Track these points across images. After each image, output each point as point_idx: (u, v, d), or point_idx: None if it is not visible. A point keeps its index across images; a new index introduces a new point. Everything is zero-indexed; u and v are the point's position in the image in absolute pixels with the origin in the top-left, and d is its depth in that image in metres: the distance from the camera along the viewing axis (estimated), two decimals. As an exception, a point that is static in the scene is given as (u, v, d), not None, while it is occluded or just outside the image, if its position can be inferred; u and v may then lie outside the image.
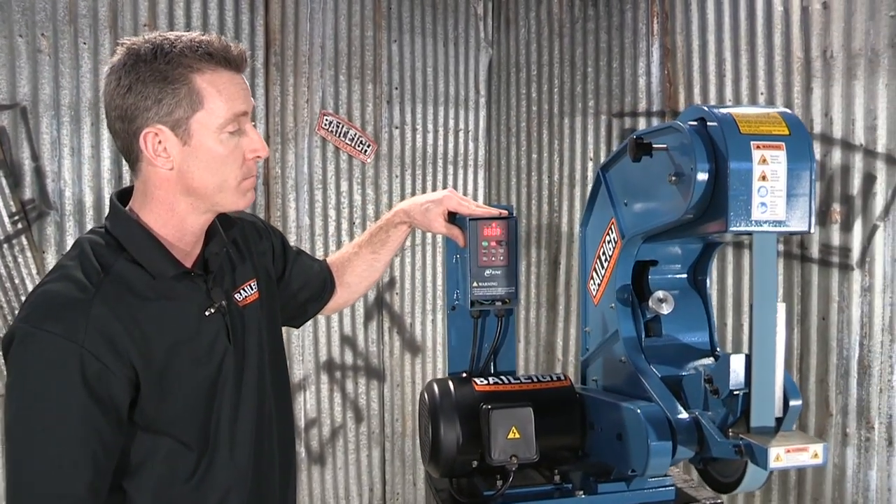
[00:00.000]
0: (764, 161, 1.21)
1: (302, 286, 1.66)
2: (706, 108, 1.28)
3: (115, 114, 1.23)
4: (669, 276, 1.60)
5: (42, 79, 2.78)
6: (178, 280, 1.27)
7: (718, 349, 1.56)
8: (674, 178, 1.30)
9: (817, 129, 2.71)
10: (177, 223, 1.28)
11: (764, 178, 1.21)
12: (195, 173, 1.24)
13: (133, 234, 1.25)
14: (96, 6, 2.85)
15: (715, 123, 1.25)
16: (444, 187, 3.79)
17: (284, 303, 1.61)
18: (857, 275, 2.63)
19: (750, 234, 1.24)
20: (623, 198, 1.53)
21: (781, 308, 1.25)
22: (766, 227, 1.22)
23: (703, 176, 1.24)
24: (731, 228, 1.22)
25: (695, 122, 1.29)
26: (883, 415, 2.57)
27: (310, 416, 3.46)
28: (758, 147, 1.21)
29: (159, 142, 1.22)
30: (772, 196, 1.21)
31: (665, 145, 1.33)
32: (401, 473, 3.71)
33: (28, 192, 2.78)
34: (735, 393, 1.27)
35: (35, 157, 2.78)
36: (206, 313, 1.29)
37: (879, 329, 2.59)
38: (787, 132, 1.24)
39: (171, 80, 1.20)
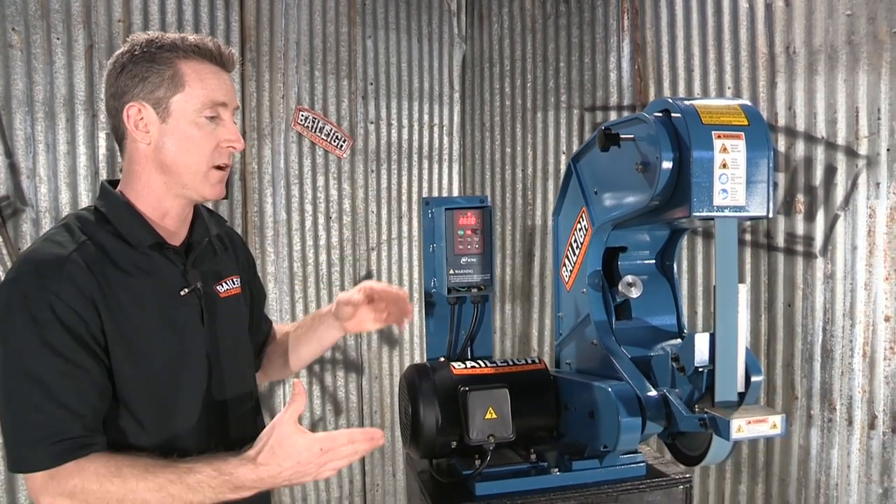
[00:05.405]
0: (724, 150, 1.28)
1: (253, 309, 1.65)
2: (671, 101, 1.34)
3: (110, 92, 1.33)
4: (639, 261, 1.66)
5: (14, 74, 2.76)
6: (156, 255, 1.33)
7: (686, 331, 1.63)
8: (640, 167, 1.36)
9: (781, 122, 2.79)
10: (154, 201, 1.34)
11: (725, 165, 1.28)
12: (169, 151, 1.31)
13: (117, 206, 1.33)
14: (69, 1, 2.84)
15: (679, 115, 1.31)
16: (419, 181, 3.84)
17: None
18: (819, 262, 2.70)
19: (712, 219, 1.30)
20: (593, 187, 1.58)
21: (743, 289, 1.32)
22: (727, 213, 1.29)
23: (667, 164, 1.30)
24: (695, 214, 1.28)
25: (660, 114, 1.35)
26: (844, 396, 2.66)
27: (289, 409, 3.48)
28: (719, 136, 1.28)
29: (141, 118, 1.30)
30: (732, 183, 1.28)
31: (632, 135, 1.39)
32: (380, 465, 3.74)
33: (2, 189, 2.77)
34: (700, 370, 1.33)
35: (9, 153, 2.77)
36: (181, 293, 1.34)
37: (841, 314, 2.67)
38: (746, 122, 1.30)
39: (158, 62, 1.29)
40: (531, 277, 3.72)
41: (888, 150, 2.53)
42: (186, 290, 1.35)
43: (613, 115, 3.36)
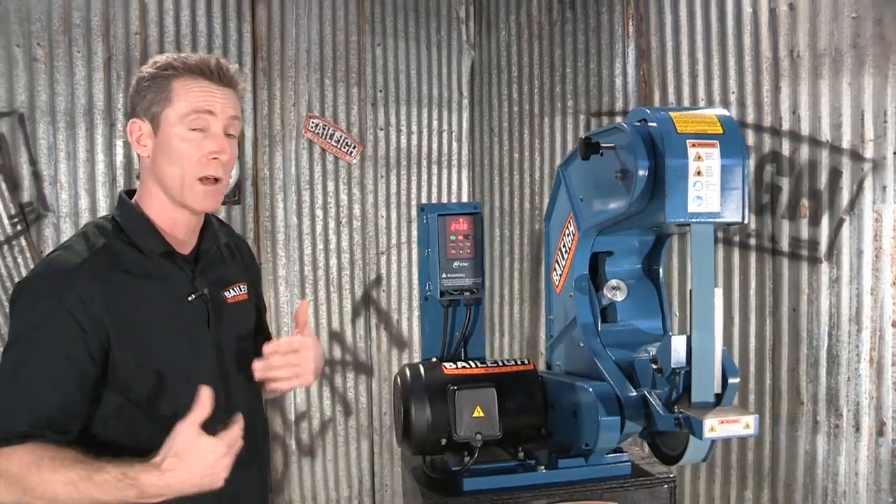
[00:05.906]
0: (699, 158, 1.31)
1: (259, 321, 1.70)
2: (648, 110, 1.39)
3: (127, 111, 1.43)
4: (626, 266, 1.70)
5: (38, 86, 2.88)
6: (166, 262, 1.41)
7: (670, 333, 1.65)
8: (619, 175, 1.40)
9: (786, 126, 2.79)
10: (161, 212, 1.43)
11: (699, 173, 1.31)
12: (161, 162, 1.40)
13: (132, 216, 1.42)
14: (89, 16, 2.95)
15: (654, 124, 1.35)
16: (428, 186, 3.89)
17: None
18: (825, 267, 2.70)
19: (688, 224, 1.34)
20: (579, 194, 1.63)
21: (719, 292, 1.35)
22: (702, 219, 1.32)
23: (643, 172, 1.34)
24: (670, 220, 1.32)
25: (639, 123, 1.40)
26: (851, 402, 2.65)
27: (300, 410, 3.55)
28: (693, 145, 1.32)
29: (141, 133, 1.40)
30: (706, 190, 1.32)
31: (612, 144, 1.43)
32: (389, 465, 3.79)
33: (26, 196, 2.89)
34: (677, 371, 1.37)
35: (32, 161, 2.89)
36: (189, 298, 1.42)
37: (847, 319, 2.66)
38: (720, 131, 1.34)
39: (156, 81, 1.39)
40: (539, 281, 3.75)
41: (895, 153, 2.52)
42: (194, 296, 1.43)
43: (619, 120, 3.37)
